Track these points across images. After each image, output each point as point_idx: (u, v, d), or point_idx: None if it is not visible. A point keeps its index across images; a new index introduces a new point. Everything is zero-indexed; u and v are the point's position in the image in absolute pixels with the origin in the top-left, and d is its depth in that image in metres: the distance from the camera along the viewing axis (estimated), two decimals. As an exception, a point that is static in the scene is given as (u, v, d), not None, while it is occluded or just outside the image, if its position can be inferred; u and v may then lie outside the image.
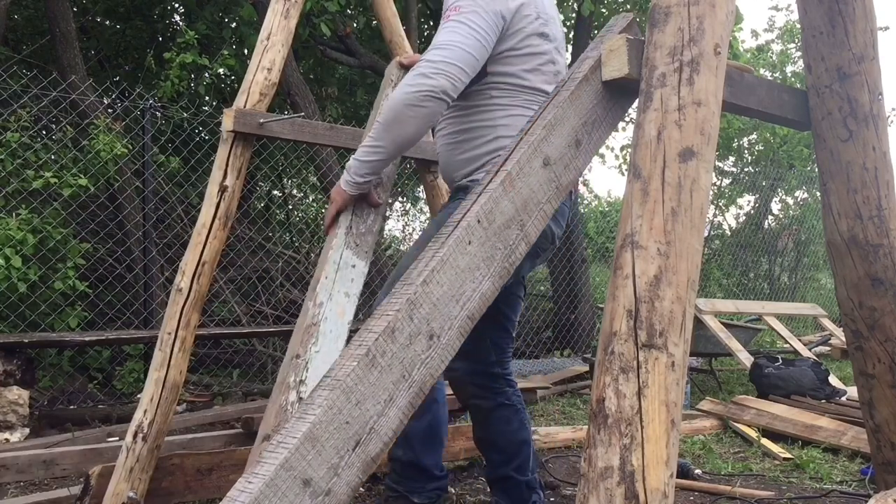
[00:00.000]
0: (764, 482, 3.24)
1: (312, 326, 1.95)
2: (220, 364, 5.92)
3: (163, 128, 5.74)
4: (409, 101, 1.94)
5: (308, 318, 1.97)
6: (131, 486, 2.42)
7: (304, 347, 1.92)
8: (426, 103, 1.94)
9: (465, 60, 1.96)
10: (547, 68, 2.18)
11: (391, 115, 1.97)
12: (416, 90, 1.93)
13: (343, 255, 2.08)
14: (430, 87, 1.93)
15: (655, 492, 1.29)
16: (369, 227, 2.17)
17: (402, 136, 2.00)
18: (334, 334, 1.98)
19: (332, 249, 2.08)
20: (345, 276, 2.06)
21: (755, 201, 10.81)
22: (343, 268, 2.07)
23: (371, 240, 2.16)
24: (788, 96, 2.13)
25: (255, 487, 1.26)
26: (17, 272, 4.42)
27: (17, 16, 7.08)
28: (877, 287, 2.07)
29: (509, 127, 2.14)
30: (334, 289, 2.03)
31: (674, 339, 1.41)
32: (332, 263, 2.05)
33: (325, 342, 1.95)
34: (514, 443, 2.41)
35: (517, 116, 2.14)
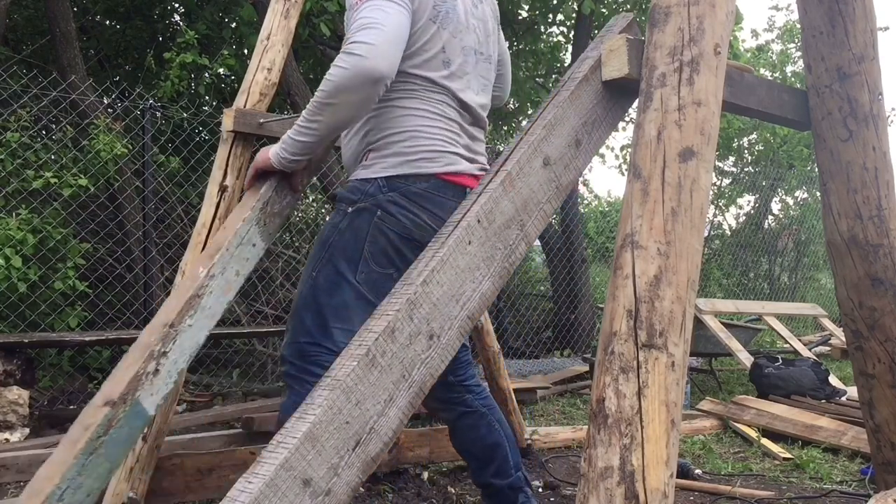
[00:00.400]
0: (764, 482, 3.24)
1: (196, 298, 1.80)
2: (220, 364, 5.92)
3: (163, 128, 5.73)
4: (344, 86, 1.81)
5: (195, 287, 1.82)
6: (131, 486, 2.42)
7: (179, 317, 1.77)
8: (365, 88, 1.82)
9: (400, 40, 1.86)
10: (433, 52, 2.01)
11: (326, 98, 1.85)
12: (353, 73, 1.80)
13: (250, 231, 1.95)
14: (369, 69, 1.79)
15: (655, 492, 1.29)
16: (282, 209, 2.05)
17: (335, 119, 1.89)
18: (211, 311, 1.83)
19: (242, 221, 1.94)
20: (243, 253, 1.93)
21: (755, 201, 10.82)
22: (245, 244, 1.94)
23: (279, 223, 2.05)
24: (788, 96, 2.13)
25: (255, 487, 1.26)
26: (17, 272, 4.42)
27: (17, 16, 7.08)
28: (877, 287, 2.07)
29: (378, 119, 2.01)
30: (230, 263, 1.89)
31: (674, 339, 1.41)
32: (238, 236, 1.92)
33: (200, 317, 1.80)
34: (485, 448, 2.35)
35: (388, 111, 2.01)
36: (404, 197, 1.98)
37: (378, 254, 1.98)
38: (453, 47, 2.05)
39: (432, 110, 2.03)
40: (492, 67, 2.24)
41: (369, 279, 1.98)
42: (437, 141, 2.02)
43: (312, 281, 2.03)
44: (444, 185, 2.01)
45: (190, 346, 1.79)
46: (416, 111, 2.01)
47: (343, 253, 1.99)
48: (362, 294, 1.98)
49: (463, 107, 2.10)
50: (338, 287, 1.99)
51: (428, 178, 1.99)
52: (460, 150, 2.08)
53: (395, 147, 1.99)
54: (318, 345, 1.99)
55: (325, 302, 1.99)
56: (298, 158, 1.99)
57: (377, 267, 1.98)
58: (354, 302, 1.98)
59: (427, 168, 1.99)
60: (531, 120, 1.77)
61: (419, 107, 2.01)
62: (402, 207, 1.98)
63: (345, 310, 1.98)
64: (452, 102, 2.07)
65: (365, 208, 1.99)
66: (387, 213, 1.97)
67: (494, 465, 2.35)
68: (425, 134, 2.01)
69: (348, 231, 2.00)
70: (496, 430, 2.37)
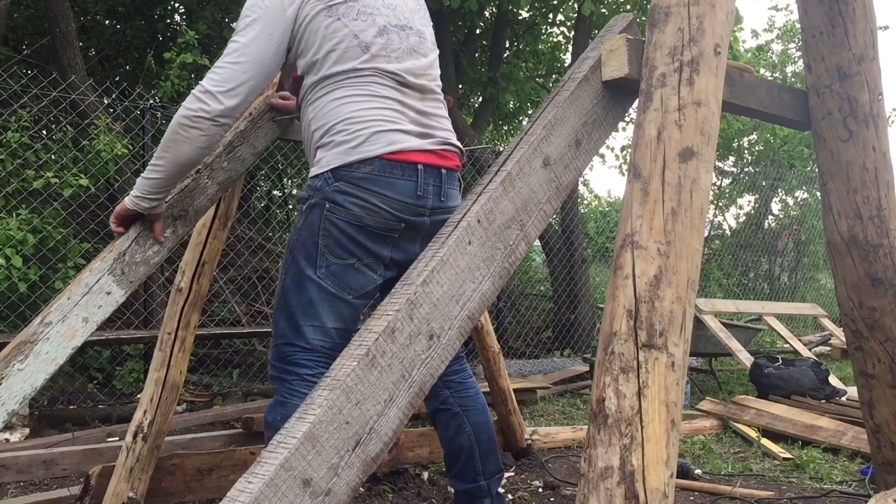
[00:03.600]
0: (764, 482, 3.24)
1: (27, 344, 1.85)
2: (220, 364, 5.92)
3: (163, 128, 5.73)
4: (183, 123, 1.89)
5: (27, 333, 1.88)
6: (131, 486, 2.42)
7: (6, 362, 1.82)
8: (200, 125, 1.88)
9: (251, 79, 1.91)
10: (347, 43, 1.99)
11: (170, 135, 1.91)
12: (192, 113, 1.88)
13: (100, 281, 1.98)
14: (205, 111, 1.87)
15: (655, 492, 1.29)
16: (148, 258, 2.07)
17: (180, 156, 1.93)
18: (49, 356, 1.87)
19: (90, 271, 1.98)
20: (92, 302, 1.96)
21: (755, 201, 10.82)
22: (94, 293, 1.96)
23: (143, 271, 2.06)
24: (788, 96, 2.13)
25: (255, 487, 1.26)
26: (17, 272, 4.42)
27: (17, 16, 7.08)
28: (877, 287, 2.07)
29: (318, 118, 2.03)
30: (73, 311, 1.92)
31: (674, 339, 1.41)
32: (83, 286, 1.96)
33: (33, 361, 1.84)
34: (452, 448, 2.34)
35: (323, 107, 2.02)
36: (349, 184, 1.95)
37: (333, 245, 1.98)
38: (365, 31, 2.02)
39: (363, 93, 2.00)
40: (425, 42, 2.18)
41: (329, 272, 1.99)
42: (375, 122, 1.98)
43: (282, 284, 2.06)
44: (389, 164, 1.97)
45: (23, 388, 1.83)
46: (348, 98, 1.99)
47: (302, 251, 2.01)
48: (325, 288, 1.99)
49: (401, 82, 2.05)
50: (302, 286, 2.00)
51: (371, 161, 1.96)
52: (406, 127, 2.03)
53: (336, 138, 1.98)
54: (291, 344, 2.01)
55: (293, 302, 2.01)
56: (151, 198, 2.00)
57: (335, 259, 1.99)
58: (319, 297, 1.99)
59: (369, 152, 1.96)
60: (531, 120, 1.77)
61: (349, 94, 2.00)
62: (348, 195, 1.95)
63: (311, 306, 2.00)
64: (384, 80, 2.03)
65: (315, 203, 1.99)
66: (335, 204, 1.96)
67: (457, 466, 2.34)
68: (360, 118, 1.98)
69: (304, 229, 2.01)
70: (465, 433, 2.33)
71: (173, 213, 2.14)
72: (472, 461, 2.32)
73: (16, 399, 1.82)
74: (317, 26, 1.98)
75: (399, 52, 2.06)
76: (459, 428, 2.32)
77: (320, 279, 1.98)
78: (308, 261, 1.99)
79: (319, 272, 1.98)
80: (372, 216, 1.96)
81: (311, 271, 1.99)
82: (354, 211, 1.95)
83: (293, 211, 7.94)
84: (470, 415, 2.33)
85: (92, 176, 4.92)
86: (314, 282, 1.98)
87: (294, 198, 8.10)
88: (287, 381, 2.00)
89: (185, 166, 1.98)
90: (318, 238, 1.98)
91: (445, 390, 2.32)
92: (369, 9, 2.04)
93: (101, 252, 2.07)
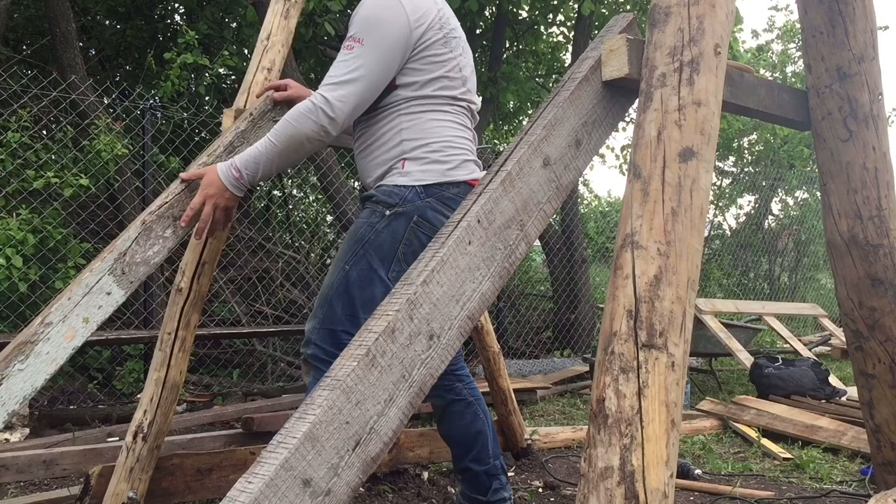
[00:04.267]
0: (764, 482, 3.24)
1: (27, 344, 1.85)
2: (220, 364, 5.92)
3: (163, 128, 5.74)
4: (308, 136, 2.07)
5: (27, 333, 1.88)
6: (131, 486, 2.42)
7: (6, 362, 1.82)
8: (321, 137, 2.09)
9: (364, 97, 2.10)
10: (454, 74, 2.23)
11: (288, 141, 2.08)
12: (317, 126, 2.06)
13: (101, 281, 1.98)
14: (329, 125, 2.06)
15: (655, 492, 1.29)
16: (148, 258, 2.08)
17: (291, 160, 2.16)
18: (50, 356, 1.88)
19: (91, 272, 1.99)
20: (92, 302, 1.96)
21: (755, 201, 10.82)
22: (95, 293, 1.97)
23: (144, 271, 2.07)
24: (788, 96, 2.13)
25: (255, 487, 1.26)
26: (17, 272, 4.42)
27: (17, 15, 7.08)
28: (877, 287, 2.07)
29: (412, 130, 2.20)
30: (73, 312, 1.93)
31: (674, 339, 1.41)
32: (84, 286, 1.96)
33: (33, 362, 1.85)
34: (469, 435, 2.50)
35: (422, 123, 2.20)
36: (440, 202, 2.16)
37: (410, 255, 2.12)
38: (465, 65, 2.28)
39: (458, 122, 2.26)
40: None
41: (398, 277, 2.13)
42: (465, 151, 2.25)
43: (345, 273, 2.18)
44: (469, 189, 2.15)
45: (23, 388, 1.84)
46: (447, 123, 2.23)
47: (378, 251, 2.15)
48: (391, 290, 2.10)
49: (474, 118, 2.36)
50: (370, 282, 2.15)
51: (459, 185, 2.19)
52: (475, 158, 2.31)
53: (432, 156, 2.18)
54: (348, 332, 2.12)
55: (356, 294, 2.15)
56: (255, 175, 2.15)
57: (407, 266, 2.15)
58: (382, 296, 2.14)
59: (459, 176, 2.20)
60: (531, 120, 1.77)
61: (449, 119, 2.23)
62: (437, 212, 2.15)
63: (373, 303, 2.12)
64: (468, 114, 2.31)
65: (403, 212, 2.15)
66: (423, 219, 2.15)
67: (475, 451, 2.50)
68: (456, 144, 2.23)
69: (385, 231, 2.16)
70: (480, 419, 2.51)
71: (173, 214, 2.14)
72: (487, 444, 2.51)
73: (16, 399, 1.83)
74: (433, 52, 2.19)
75: (474, 90, 2.36)
76: (475, 415, 2.50)
77: (389, 281, 2.12)
78: (383, 262, 2.15)
79: (391, 275, 2.14)
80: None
81: (383, 272, 2.14)
82: (438, 227, 2.10)
83: (293, 211, 7.94)
84: (480, 403, 2.53)
85: (92, 176, 4.92)
86: (383, 282, 2.13)
87: (294, 198, 8.11)
88: None
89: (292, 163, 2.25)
90: (399, 244, 2.15)
91: (458, 383, 2.49)
92: (463, 47, 2.31)
93: (102, 252, 2.07)
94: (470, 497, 2.54)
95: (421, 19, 2.15)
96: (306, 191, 8.13)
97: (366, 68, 2.07)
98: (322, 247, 7.73)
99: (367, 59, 2.07)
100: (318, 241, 7.65)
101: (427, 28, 2.16)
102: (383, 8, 2.11)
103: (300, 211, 8.11)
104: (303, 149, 2.12)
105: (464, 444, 2.51)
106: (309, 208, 8.13)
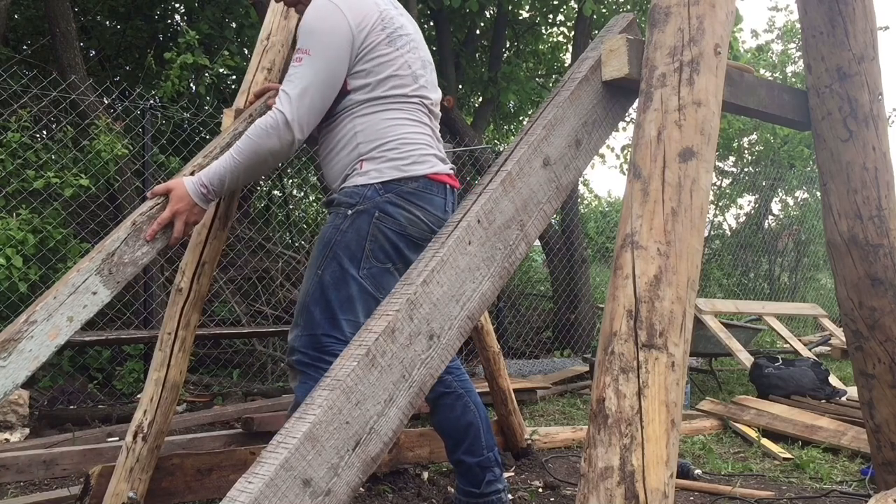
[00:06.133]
0: (764, 482, 3.24)
1: (11, 341, 1.86)
2: (220, 364, 5.92)
3: (163, 128, 5.74)
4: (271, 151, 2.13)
5: (11, 331, 1.89)
6: (131, 486, 2.42)
7: None
8: (285, 151, 2.15)
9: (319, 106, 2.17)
10: (402, 71, 2.27)
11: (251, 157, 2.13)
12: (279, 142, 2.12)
13: (87, 281, 1.99)
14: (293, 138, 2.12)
15: (655, 492, 1.29)
16: (136, 259, 2.08)
17: (258, 172, 2.23)
18: (32, 354, 1.88)
19: (77, 271, 1.99)
20: (78, 301, 1.97)
21: (755, 201, 10.82)
22: (81, 292, 1.98)
23: (131, 271, 2.08)
24: (788, 96, 2.13)
25: (255, 487, 1.26)
26: (17, 272, 4.42)
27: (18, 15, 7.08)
28: (877, 287, 2.07)
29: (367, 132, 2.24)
30: (58, 311, 1.94)
31: (674, 339, 1.41)
32: (70, 286, 1.97)
33: (16, 359, 1.86)
34: (460, 428, 2.53)
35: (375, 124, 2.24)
36: (399, 197, 2.20)
37: (377, 250, 2.19)
38: (414, 62, 2.30)
39: (412, 118, 2.29)
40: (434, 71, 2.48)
41: (370, 274, 2.20)
42: (421, 146, 2.28)
43: (318, 278, 2.22)
44: (431, 183, 2.26)
45: (4, 385, 1.85)
46: (401, 121, 2.26)
47: (346, 251, 2.19)
48: (364, 287, 2.19)
49: (431, 113, 2.37)
50: (343, 282, 2.19)
51: (418, 178, 2.23)
52: (436, 152, 2.34)
53: (388, 154, 2.23)
54: (329, 335, 2.19)
55: (332, 296, 2.19)
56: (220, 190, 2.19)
57: (377, 262, 2.21)
58: (358, 295, 2.20)
59: (417, 170, 2.23)
60: (531, 120, 1.77)
61: (402, 117, 2.27)
62: (397, 206, 2.19)
63: (350, 302, 2.20)
64: (424, 110, 2.33)
65: (364, 210, 2.19)
66: (384, 214, 2.18)
67: (466, 443, 2.53)
68: (411, 140, 2.26)
69: (350, 231, 2.20)
70: (471, 411, 2.54)
71: None
72: (479, 436, 2.54)
73: None
74: (378, 53, 2.22)
75: (431, 85, 2.37)
76: (466, 407, 2.52)
77: (361, 279, 2.18)
78: (352, 261, 2.19)
79: (362, 272, 2.19)
80: (414, 227, 2.21)
81: (354, 270, 2.19)
82: (401, 221, 2.20)
83: (293, 211, 7.94)
84: (471, 395, 2.55)
85: (92, 176, 4.92)
86: (356, 280, 2.18)
87: (294, 198, 8.11)
88: (320, 368, 2.14)
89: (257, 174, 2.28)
90: (365, 242, 2.19)
91: (448, 375, 2.52)
92: (415, 43, 2.33)
93: (91, 252, 2.08)
94: (464, 490, 2.57)
95: (362, 23, 2.19)
96: (306, 191, 8.13)
97: (316, 77, 2.13)
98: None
99: (317, 69, 2.13)
100: (318, 241, 7.64)
101: (370, 31, 2.20)
102: (324, 17, 2.17)
103: (300, 211, 8.11)
104: (267, 163, 2.18)
105: (455, 436, 2.54)
106: (309, 208, 8.13)
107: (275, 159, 2.18)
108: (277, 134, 2.11)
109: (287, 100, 2.12)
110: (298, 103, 2.12)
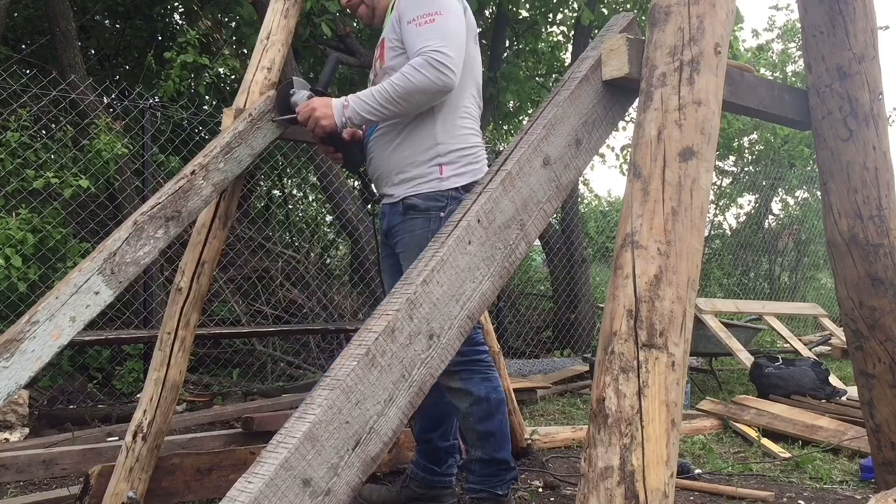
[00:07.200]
0: (764, 482, 3.24)
1: (13, 342, 1.87)
2: (220, 364, 5.92)
3: (163, 127, 5.73)
4: (426, 89, 2.19)
5: (13, 331, 1.89)
6: (131, 486, 2.42)
7: None
8: (443, 89, 2.22)
9: (463, 56, 2.26)
10: (478, 69, 2.43)
11: (405, 92, 2.20)
12: (439, 81, 2.18)
13: (89, 281, 1.99)
14: (450, 79, 2.19)
15: (655, 491, 1.29)
16: (138, 258, 2.09)
17: (401, 109, 2.27)
18: (35, 354, 1.89)
19: (79, 271, 2.00)
20: (80, 301, 1.97)
21: (755, 201, 10.82)
22: (83, 292, 1.98)
23: (133, 271, 2.08)
24: (789, 96, 2.13)
25: (254, 487, 1.26)
26: (17, 272, 4.41)
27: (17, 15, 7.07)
28: (877, 287, 2.07)
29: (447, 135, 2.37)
30: (61, 311, 1.94)
31: (674, 339, 1.40)
32: (72, 286, 1.97)
33: (18, 360, 1.86)
34: (438, 410, 2.64)
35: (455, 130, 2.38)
36: None
37: None
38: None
39: (476, 128, 2.47)
40: None
41: None
42: (483, 153, 2.49)
43: None
44: None
45: (7, 385, 1.86)
46: (473, 131, 2.44)
47: None
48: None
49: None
50: None
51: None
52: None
53: (465, 160, 2.40)
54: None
55: None
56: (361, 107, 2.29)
57: None
58: None
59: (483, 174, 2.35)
60: (531, 119, 1.77)
61: (473, 126, 2.45)
62: None
63: None
64: (478, 117, 2.50)
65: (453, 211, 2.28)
66: None
67: (443, 428, 2.69)
68: (479, 148, 2.47)
69: None
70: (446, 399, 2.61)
71: (165, 214, 2.14)
72: (452, 422, 2.72)
73: (1, 396, 1.83)
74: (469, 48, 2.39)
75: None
76: (441, 394, 2.57)
77: None
78: None
79: None
80: None
81: None
82: None
83: (293, 210, 7.94)
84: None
85: (92, 175, 4.91)
86: None
87: (294, 198, 8.11)
88: (481, 360, 2.42)
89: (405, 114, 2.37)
90: None
91: None
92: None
93: (93, 252, 2.08)
94: (425, 466, 2.69)
95: (466, 10, 2.33)
96: (306, 190, 8.13)
97: (459, 28, 2.24)
98: (322, 246, 7.73)
99: (454, 25, 2.23)
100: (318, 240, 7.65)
101: (468, 22, 2.36)
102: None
103: (300, 211, 8.11)
104: (415, 102, 2.23)
105: (433, 418, 2.66)
106: (309, 208, 8.13)
107: (424, 97, 2.22)
108: (438, 71, 2.16)
109: (438, 47, 2.16)
110: (450, 50, 2.18)
